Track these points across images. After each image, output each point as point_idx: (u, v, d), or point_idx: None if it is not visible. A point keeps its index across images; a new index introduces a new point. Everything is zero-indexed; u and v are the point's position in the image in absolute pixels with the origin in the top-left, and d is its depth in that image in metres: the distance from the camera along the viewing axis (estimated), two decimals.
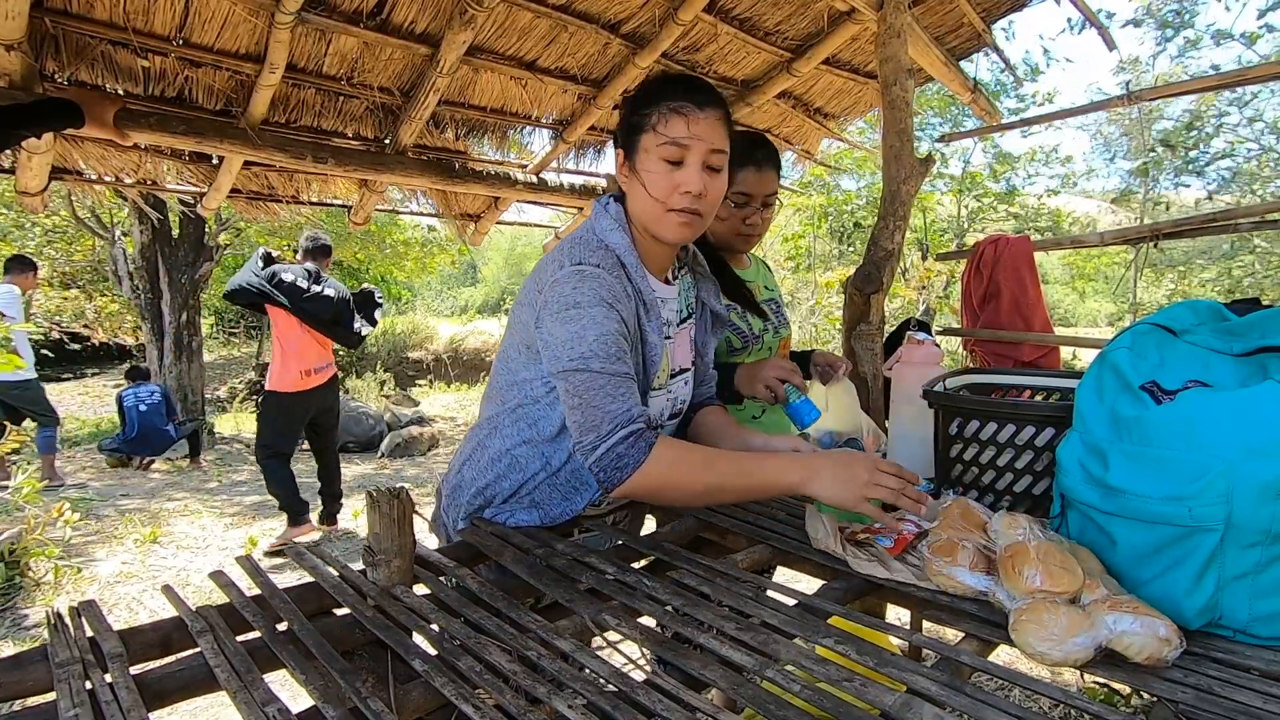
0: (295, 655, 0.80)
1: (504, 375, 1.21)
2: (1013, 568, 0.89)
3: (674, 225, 1.10)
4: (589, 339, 1.02)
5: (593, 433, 1.03)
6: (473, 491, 1.22)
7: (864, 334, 2.25)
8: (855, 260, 6.38)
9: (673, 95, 1.07)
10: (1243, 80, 2.28)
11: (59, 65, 2.05)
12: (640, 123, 1.09)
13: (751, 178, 1.66)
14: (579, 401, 1.03)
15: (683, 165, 1.08)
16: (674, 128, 1.06)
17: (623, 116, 1.15)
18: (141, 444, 6.14)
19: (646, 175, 1.09)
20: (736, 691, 0.72)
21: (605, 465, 1.02)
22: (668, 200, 1.08)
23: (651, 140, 1.08)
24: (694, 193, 1.08)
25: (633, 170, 1.12)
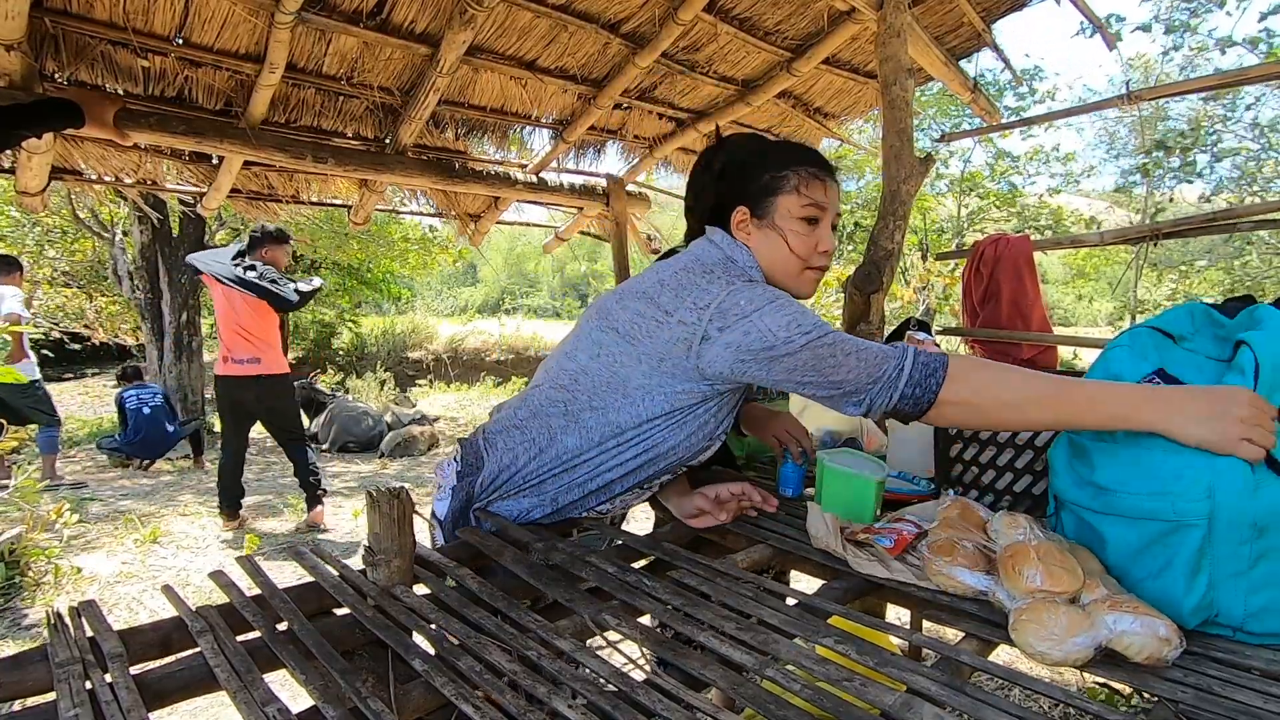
0: (295, 655, 0.80)
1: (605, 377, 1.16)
2: (1013, 567, 0.89)
3: (810, 281, 1.19)
4: (810, 316, 1.04)
5: (889, 362, 1.00)
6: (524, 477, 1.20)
7: (863, 334, 2.25)
8: (855, 260, 6.38)
9: (810, 162, 1.17)
10: (1243, 80, 2.28)
11: (59, 65, 2.05)
12: (777, 185, 1.16)
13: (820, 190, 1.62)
14: (846, 352, 1.01)
15: (818, 225, 1.17)
16: (816, 191, 1.16)
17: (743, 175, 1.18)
18: (144, 445, 6.14)
19: (790, 233, 1.15)
20: (736, 691, 0.72)
21: (917, 380, 0.98)
22: (809, 259, 1.17)
23: (795, 201, 1.15)
24: (830, 252, 1.18)
25: (767, 225, 1.17)
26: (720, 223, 1.21)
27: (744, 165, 1.19)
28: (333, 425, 7.45)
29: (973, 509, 1.08)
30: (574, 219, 3.98)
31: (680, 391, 1.13)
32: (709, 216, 1.23)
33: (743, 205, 1.17)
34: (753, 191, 1.17)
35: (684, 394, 1.13)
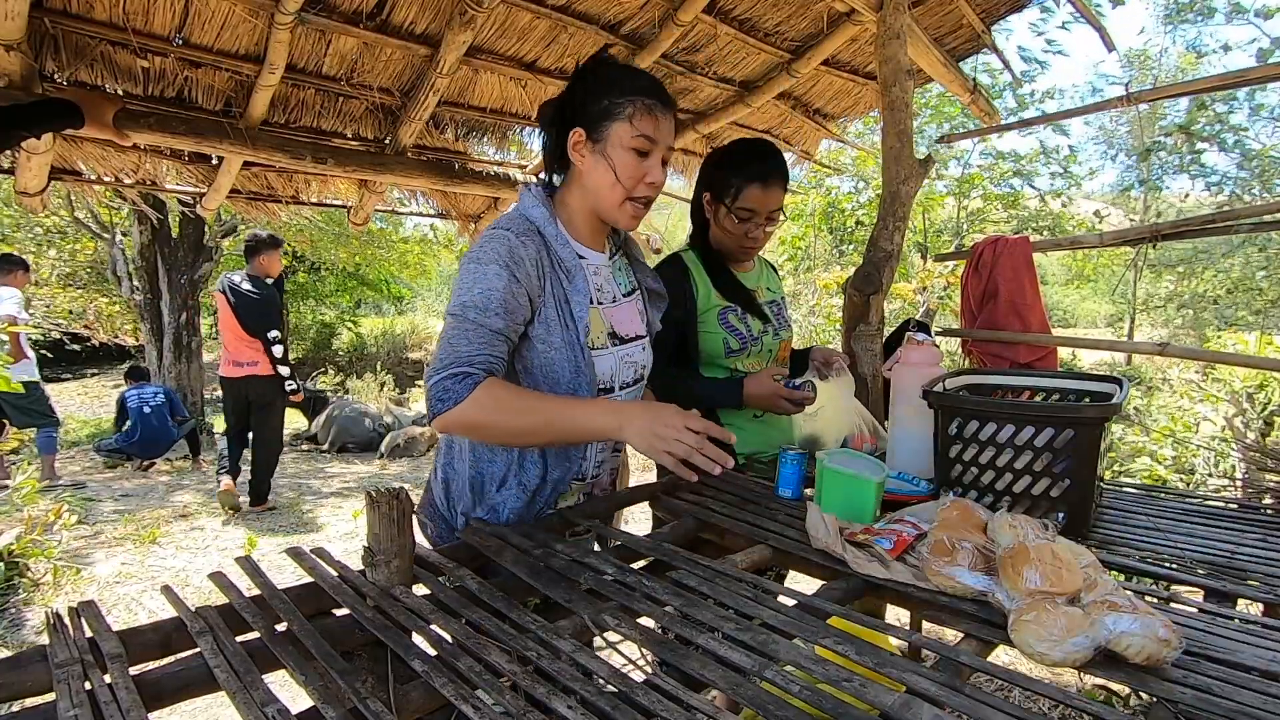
0: (295, 656, 0.80)
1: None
2: (1012, 568, 0.89)
3: (629, 213, 1.22)
4: (475, 291, 1.11)
5: (435, 364, 1.11)
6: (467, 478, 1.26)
7: (863, 335, 2.25)
8: (856, 261, 6.39)
9: (646, 92, 1.18)
10: (1243, 81, 2.28)
11: (59, 65, 2.05)
12: (612, 110, 1.17)
13: (757, 194, 1.67)
14: (443, 340, 1.12)
15: (648, 158, 1.19)
16: (647, 124, 1.17)
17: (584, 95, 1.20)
18: (145, 445, 6.14)
19: (617, 161, 1.17)
20: (736, 692, 0.72)
21: (431, 396, 1.09)
22: (633, 189, 1.20)
23: (625, 130, 1.17)
24: (658, 184, 1.21)
25: (599, 150, 1.19)
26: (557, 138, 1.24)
27: (591, 86, 1.20)
28: (332, 426, 7.45)
29: (972, 510, 1.08)
30: None
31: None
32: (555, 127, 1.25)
33: (580, 127, 1.19)
34: (592, 114, 1.18)
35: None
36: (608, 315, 1.28)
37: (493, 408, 1.08)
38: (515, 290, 1.13)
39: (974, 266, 2.74)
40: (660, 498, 1.40)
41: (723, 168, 1.71)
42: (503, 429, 1.10)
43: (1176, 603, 0.99)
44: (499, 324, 1.12)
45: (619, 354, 1.28)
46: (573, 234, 1.26)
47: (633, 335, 1.32)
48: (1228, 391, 4.19)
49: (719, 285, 1.72)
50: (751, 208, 1.67)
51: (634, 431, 1.08)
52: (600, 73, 1.21)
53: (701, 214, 1.79)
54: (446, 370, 1.09)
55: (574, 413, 1.11)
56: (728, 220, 1.70)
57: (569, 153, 1.21)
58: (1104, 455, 1.29)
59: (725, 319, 1.71)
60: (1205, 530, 1.32)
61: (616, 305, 1.31)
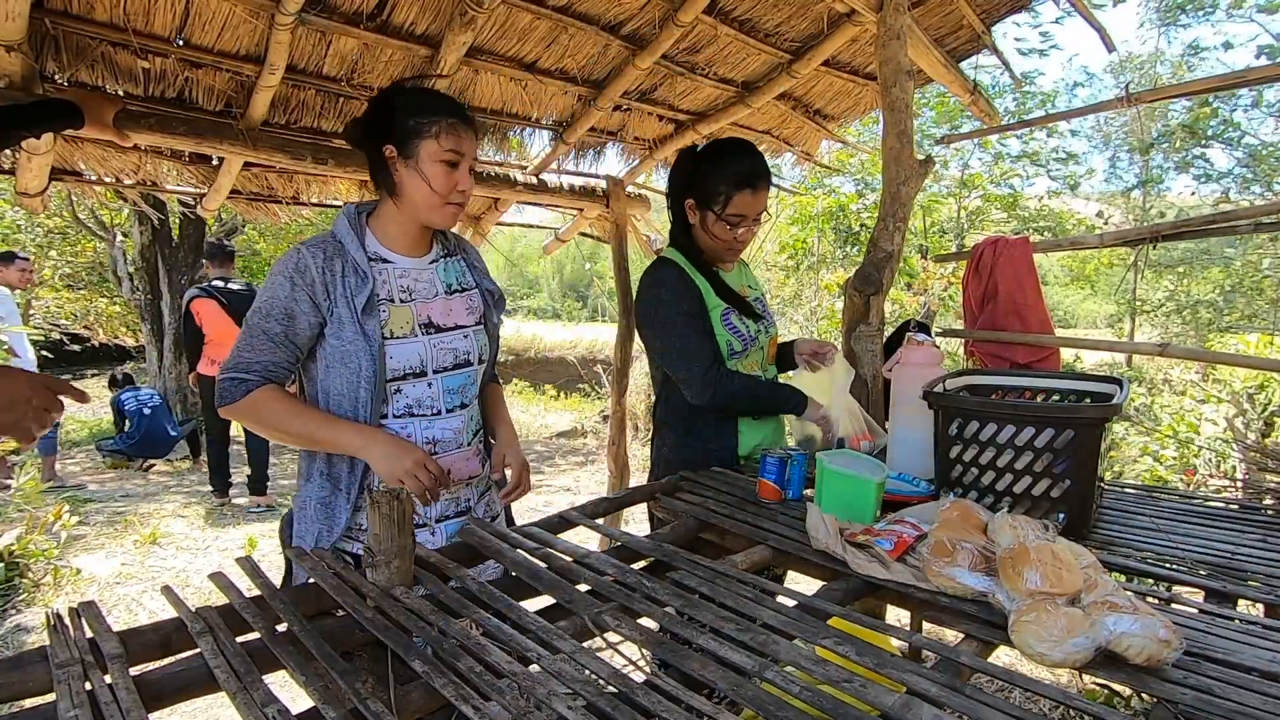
0: (295, 656, 0.80)
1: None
2: (1012, 569, 0.89)
3: (450, 214, 1.37)
4: (263, 299, 1.29)
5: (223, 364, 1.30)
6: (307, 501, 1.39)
7: (863, 335, 2.25)
8: (858, 262, 6.39)
9: (449, 112, 1.34)
10: (1243, 81, 2.28)
11: (59, 66, 2.05)
12: (420, 129, 1.31)
13: (747, 200, 1.66)
14: (235, 344, 1.31)
15: (457, 169, 1.34)
16: (452, 141, 1.32)
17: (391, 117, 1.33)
18: (146, 445, 6.14)
19: (430, 173, 1.32)
20: (736, 692, 0.72)
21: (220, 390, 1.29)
22: (448, 196, 1.34)
23: (434, 147, 1.32)
24: (469, 190, 1.38)
25: (412, 165, 1.32)
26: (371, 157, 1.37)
27: (393, 108, 1.33)
28: None
29: (972, 511, 1.08)
30: (574, 220, 3.98)
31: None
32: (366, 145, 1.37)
33: (389, 144, 1.32)
34: (400, 133, 1.32)
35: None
36: (419, 309, 1.39)
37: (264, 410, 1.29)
38: (297, 297, 1.28)
39: (974, 267, 2.74)
40: (660, 498, 1.40)
41: (707, 173, 1.67)
42: (270, 428, 1.30)
43: (1177, 603, 0.99)
44: (277, 329, 1.28)
45: (432, 341, 1.39)
46: (385, 242, 1.39)
47: (452, 325, 1.43)
48: (1228, 392, 4.19)
49: (714, 288, 1.72)
50: (742, 213, 1.66)
51: (377, 454, 1.26)
52: (404, 97, 1.35)
53: (683, 217, 1.75)
54: (227, 374, 1.28)
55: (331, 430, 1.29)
56: (717, 226, 1.67)
57: (384, 168, 1.35)
58: (1104, 456, 1.29)
59: (728, 320, 1.70)
60: (1205, 531, 1.32)
61: (435, 301, 1.42)
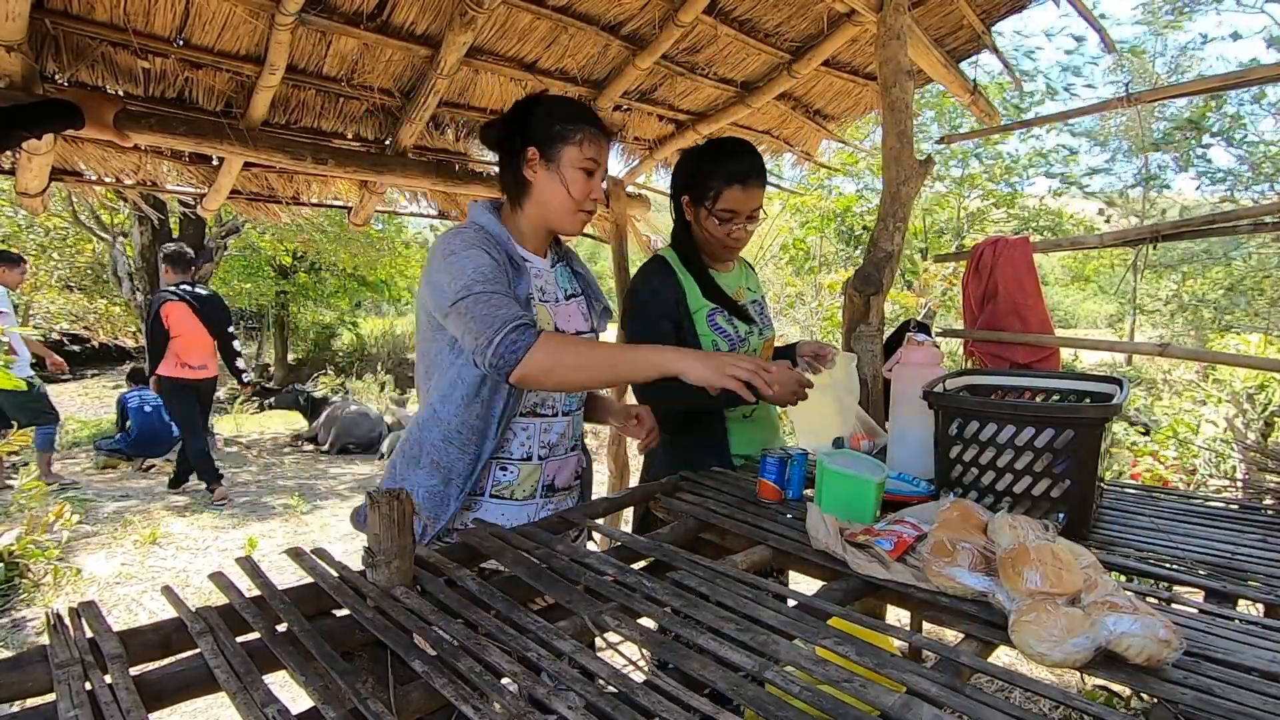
0: (295, 656, 0.80)
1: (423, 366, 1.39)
2: (1012, 569, 0.89)
3: (579, 221, 1.41)
4: (468, 271, 1.23)
5: (486, 333, 1.18)
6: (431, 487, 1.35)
7: (863, 335, 2.25)
8: (859, 263, 6.38)
9: (591, 122, 1.38)
10: (1244, 82, 2.28)
11: (59, 66, 2.05)
12: (566, 135, 1.35)
13: (738, 196, 1.66)
14: (470, 317, 1.20)
15: (593, 177, 1.38)
16: (593, 150, 1.37)
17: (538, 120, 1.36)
18: (147, 445, 6.15)
19: (569, 178, 1.35)
20: (736, 692, 0.72)
21: (501, 353, 1.17)
22: (582, 203, 1.38)
23: (576, 153, 1.35)
24: (600, 199, 1.44)
25: (552, 168, 1.35)
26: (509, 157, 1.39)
27: (544, 112, 1.37)
28: (333, 427, 7.44)
29: (972, 510, 1.08)
30: None
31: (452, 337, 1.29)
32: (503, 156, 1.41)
33: (533, 146, 1.35)
34: (545, 137, 1.35)
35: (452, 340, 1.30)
36: (551, 311, 1.42)
37: (564, 348, 1.20)
38: (498, 266, 1.26)
39: (974, 267, 2.74)
40: (660, 498, 1.40)
41: (701, 170, 1.70)
42: (574, 367, 1.20)
43: (1177, 603, 0.99)
44: (506, 289, 1.24)
45: None
46: (518, 240, 1.40)
47: (573, 330, 1.46)
48: (1228, 392, 4.19)
49: (703, 288, 1.72)
50: (733, 209, 1.66)
51: (691, 363, 1.18)
52: (551, 103, 1.40)
53: (681, 216, 1.78)
54: (505, 327, 1.18)
55: (638, 350, 1.24)
56: (709, 222, 1.69)
57: (522, 168, 1.36)
58: (1104, 456, 1.29)
59: (713, 320, 1.70)
60: (1205, 531, 1.32)
61: (559, 304, 1.45)
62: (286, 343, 13.62)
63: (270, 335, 14.22)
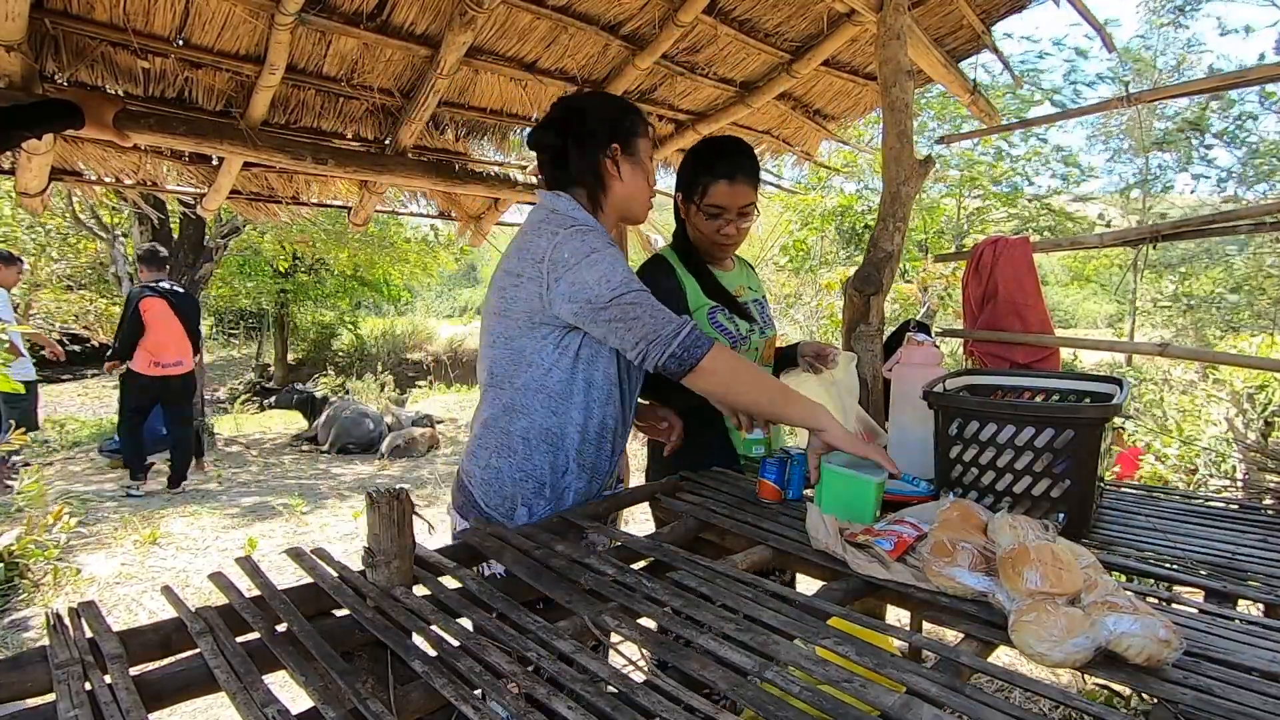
0: (295, 656, 0.80)
1: (506, 357, 1.32)
2: (1012, 569, 0.89)
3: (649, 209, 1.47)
4: (620, 271, 1.23)
5: (670, 325, 1.21)
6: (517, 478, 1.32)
7: (863, 335, 2.25)
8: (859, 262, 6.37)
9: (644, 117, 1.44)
10: (1244, 82, 2.28)
11: (59, 66, 2.05)
12: (635, 127, 1.38)
13: (723, 191, 1.66)
14: (637, 314, 1.21)
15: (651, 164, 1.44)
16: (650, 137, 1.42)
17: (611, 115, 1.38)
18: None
19: (648, 169, 1.41)
20: (736, 692, 0.72)
21: (688, 344, 1.20)
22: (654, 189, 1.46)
23: (648, 144, 1.41)
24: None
25: (634, 160, 1.38)
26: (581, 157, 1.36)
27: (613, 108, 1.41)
28: (333, 426, 7.44)
29: (972, 511, 1.08)
30: None
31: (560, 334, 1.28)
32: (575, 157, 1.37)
33: (615, 143, 1.36)
34: (622, 131, 1.37)
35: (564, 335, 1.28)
36: None
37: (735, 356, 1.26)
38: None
39: (974, 267, 2.74)
40: (660, 498, 1.40)
41: (690, 166, 1.72)
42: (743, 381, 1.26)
43: (1177, 603, 0.99)
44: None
45: None
46: None
47: None
48: (1228, 392, 4.19)
49: (703, 286, 1.72)
50: (720, 204, 1.67)
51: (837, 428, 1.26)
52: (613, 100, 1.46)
53: (679, 215, 1.79)
54: (687, 324, 1.22)
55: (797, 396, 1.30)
56: (698, 219, 1.70)
57: (603, 166, 1.36)
58: (1104, 456, 1.29)
59: (715, 318, 1.70)
60: (1205, 531, 1.32)
61: None
62: (286, 343, 13.62)
63: (270, 335, 14.22)
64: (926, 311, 6.18)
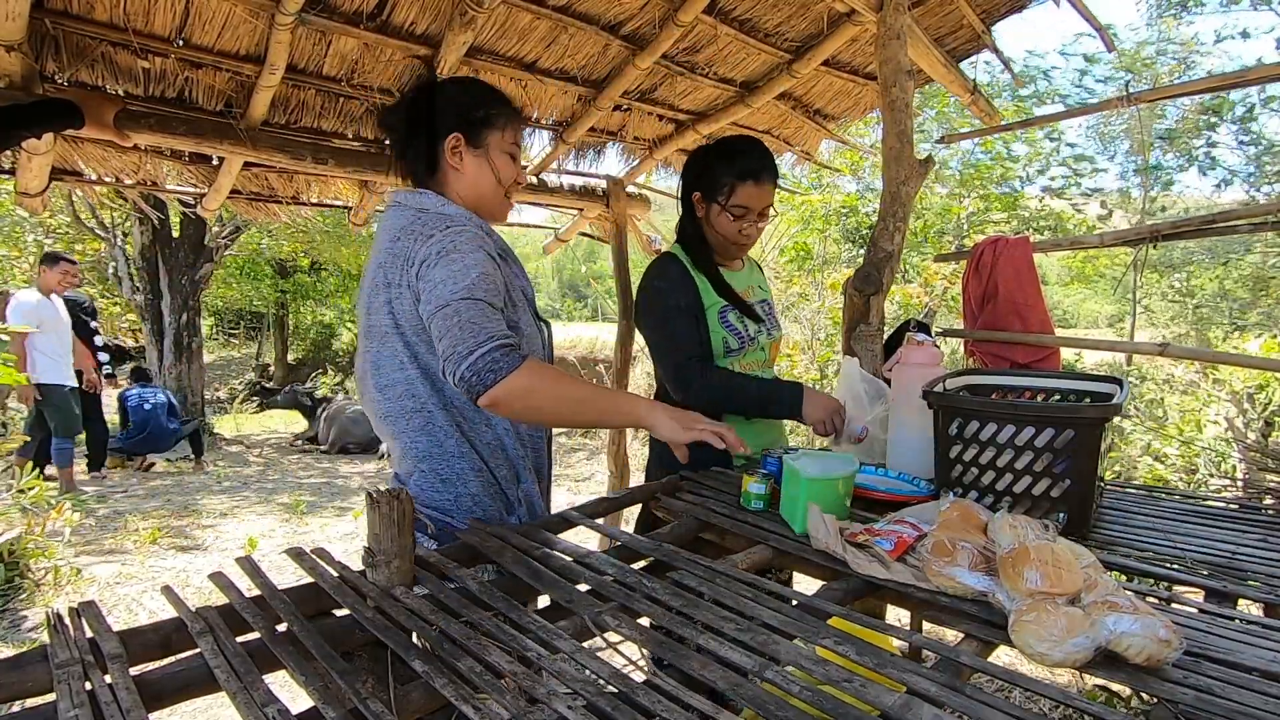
0: (295, 656, 0.80)
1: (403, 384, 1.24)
2: (1013, 569, 0.89)
3: (506, 209, 1.38)
4: (471, 275, 1.15)
5: (467, 342, 1.10)
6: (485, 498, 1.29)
7: (864, 335, 2.25)
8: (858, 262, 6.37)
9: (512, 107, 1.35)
10: (1244, 81, 2.28)
11: (59, 66, 2.05)
12: (490, 120, 1.31)
13: (751, 192, 1.66)
14: (457, 322, 1.11)
15: (516, 162, 1.36)
16: (517, 134, 1.36)
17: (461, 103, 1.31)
18: (145, 443, 6.15)
19: (498, 163, 1.32)
20: (736, 692, 0.72)
21: (479, 369, 1.09)
22: (510, 187, 1.35)
23: (500, 138, 1.32)
24: (523, 184, 1.41)
25: (480, 154, 1.31)
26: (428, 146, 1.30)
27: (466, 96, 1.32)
28: (333, 426, 7.45)
29: (973, 510, 1.08)
30: (574, 220, 3.98)
31: None
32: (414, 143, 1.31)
33: (459, 132, 1.29)
34: (470, 122, 1.30)
35: None
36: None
37: (544, 379, 1.13)
38: (497, 276, 1.21)
39: (974, 267, 2.74)
40: (660, 498, 1.40)
41: (713, 166, 1.70)
42: (550, 400, 1.14)
43: (1177, 603, 0.99)
44: (500, 304, 1.19)
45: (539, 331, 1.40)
46: None
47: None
48: (1228, 392, 4.19)
49: (714, 285, 1.72)
50: (746, 205, 1.67)
51: (661, 419, 1.20)
52: (468, 86, 1.36)
53: (692, 213, 1.78)
54: (490, 343, 1.10)
55: (614, 398, 1.27)
56: (721, 219, 1.69)
57: (441, 155, 1.30)
58: (1104, 455, 1.29)
59: (725, 318, 1.71)
60: (1205, 530, 1.32)
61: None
62: (286, 343, 13.62)
63: (270, 335, 14.21)
64: (927, 311, 6.18)
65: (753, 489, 1.30)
